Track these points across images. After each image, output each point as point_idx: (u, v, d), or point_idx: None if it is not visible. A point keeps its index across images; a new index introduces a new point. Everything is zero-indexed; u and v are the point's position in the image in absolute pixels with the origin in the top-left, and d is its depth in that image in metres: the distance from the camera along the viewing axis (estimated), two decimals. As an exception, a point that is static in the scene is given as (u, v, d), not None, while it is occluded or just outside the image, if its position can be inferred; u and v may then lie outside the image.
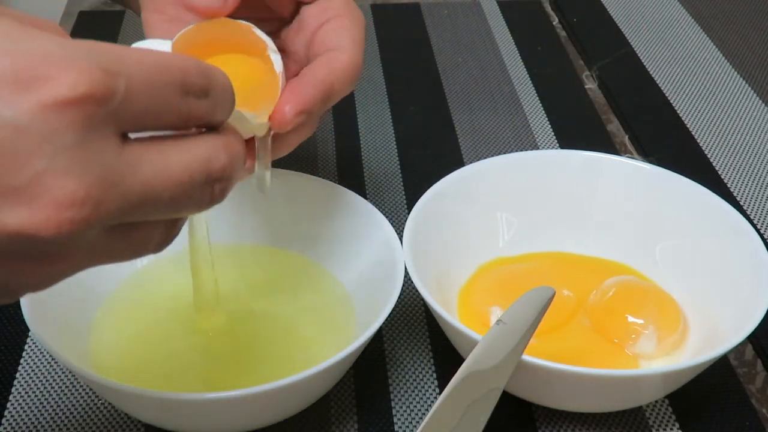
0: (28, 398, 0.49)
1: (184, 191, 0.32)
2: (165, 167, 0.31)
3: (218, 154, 0.33)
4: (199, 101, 0.32)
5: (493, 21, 0.89)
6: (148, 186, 0.30)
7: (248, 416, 0.44)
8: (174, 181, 0.31)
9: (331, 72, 0.45)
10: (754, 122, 0.74)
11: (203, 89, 0.32)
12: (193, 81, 0.32)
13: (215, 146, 0.33)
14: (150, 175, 0.30)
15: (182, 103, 0.32)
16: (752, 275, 0.49)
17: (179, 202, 0.32)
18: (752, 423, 0.49)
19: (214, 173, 0.33)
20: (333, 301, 0.52)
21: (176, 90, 0.31)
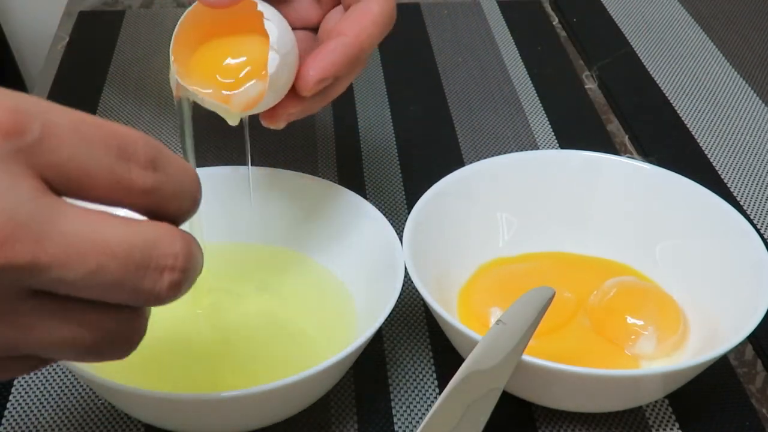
0: (28, 398, 0.49)
1: (119, 267, 0.28)
2: (95, 231, 0.28)
3: (170, 239, 0.29)
4: (145, 172, 0.29)
5: (493, 21, 0.89)
6: (70, 243, 0.27)
7: (248, 416, 0.44)
8: (104, 248, 0.27)
9: (361, 31, 0.45)
10: (754, 122, 0.74)
11: (149, 160, 0.29)
12: (135, 149, 0.29)
13: (168, 231, 0.29)
14: (75, 232, 0.27)
15: (120, 166, 0.28)
16: (752, 275, 0.49)
17: (112, 278, 0.28)
18: (752, 423, 0.49)
19: (162, 258, 0.29)
20: (333, 301, 0.52)
21: (110, 150, 0.28)
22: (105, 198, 0.29)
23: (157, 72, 0.79)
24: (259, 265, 0.55)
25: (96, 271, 0.27)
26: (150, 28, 0.86)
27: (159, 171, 0.30)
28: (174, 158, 0.31)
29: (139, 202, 0.30)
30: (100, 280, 0.28)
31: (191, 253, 0.30)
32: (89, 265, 0.27)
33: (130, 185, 0.29)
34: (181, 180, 0.31)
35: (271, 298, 0.53)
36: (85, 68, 0.80)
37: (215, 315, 0.51)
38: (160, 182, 0.30)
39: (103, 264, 0.27)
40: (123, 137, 0.29)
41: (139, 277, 0.28)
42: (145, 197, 0.29)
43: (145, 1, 0.91)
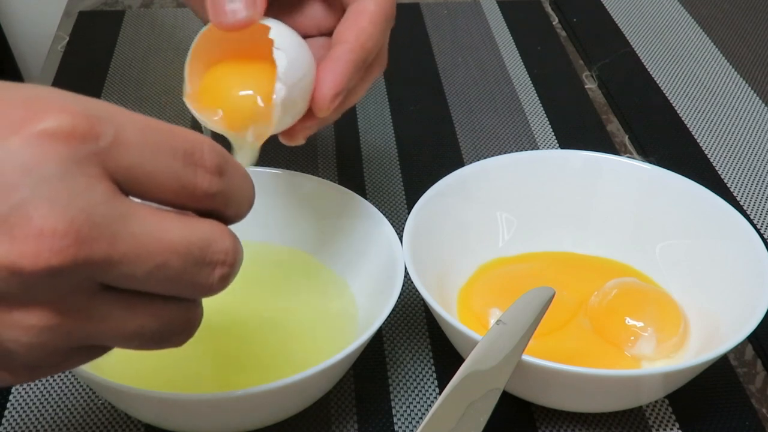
0: (28, 398, 0.49)
1: (180, 262, 0.30)
2: (161, 230, 0.30)
3: (222, 236, 0.31)
4: (211, 177, 0.31)
5: (493, 21, 0.89)
6: (139, 242, 0.29)
7: (248, 416, 0.44)
8: (168, 246, 0.30)
9: (360, 33, 0.45)
10: (754, 122, 0.74)
11: (215, 166, 0.31)
12: (201, 155, 0.31)
13: (220, 229, 0.32)
14: (143, 232, 0.29)
15: (186, 171, 0.30)
16: (752, 275, 0.49)
17: (174, 273, 0.30)
18: (752, 423, 0.49)
19: (216, 255, 0.31)
20: (333, 301, 0.52)
21: (176, 155, 0.30)
22: (170, 200, 0.31)
23: (156, 72, 0.79)
24: (259, 265, 0.55)
25: (160, 267, 0.29)
26: (150, 28, 0.86)
27: (224, 177, 0.31)
28: (237, 165, 0.32)
29: (202, 205, 0.31)
30: (163, 274, 0.30)
31: (237, 250, 0.32)
32: (155, 262, 0.29)
33: (195, 189, 0.31)
34: (243, 186, 0.33)
35: (271, 298, 0.53)
36: (84, 68, 0.80)
37: (215, 315, 0.51)
38: (224, 188, 0.31)
39: (166, 260, 0.30)
40: (190, 143, 0.31)
41: (196, 272, 0.31)
42: (208, 201, 0.31)
43: (145, 1, 0.91)
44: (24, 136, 0.27)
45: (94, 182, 0.28)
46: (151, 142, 0.30)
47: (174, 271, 0.30)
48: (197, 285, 0.31)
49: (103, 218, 0.28)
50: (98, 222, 0.28)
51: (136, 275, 0.29)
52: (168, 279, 0.30)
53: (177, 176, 0.30)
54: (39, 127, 0.28)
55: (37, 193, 0.27)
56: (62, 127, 0.28)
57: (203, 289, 0.31)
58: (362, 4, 0.46)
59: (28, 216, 0.27)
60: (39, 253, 0.27)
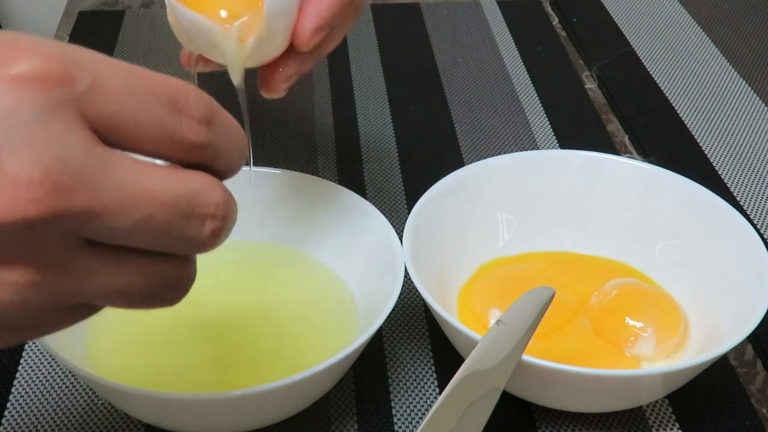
0: (28, 398, 0.49)
1: (166, 215, 0.28)
2: (145, 181, 0.28)
3: (212, 189, 0.30)
4: (198, 125, 0.29)
5: (493, 21, 0.89)
6: (122, 193, 0.27)
7: (248, 416, 0.44)
8: (154, 197, 0.28)
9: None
10: (754, 122, 0.74)
11: (202, 116, 0.29)
12: (186, 102, 0.29)
13: (210, 181, 0.30)
14: (126, 183, 0.27)
15: (172, 120, 0.29)
16: (752, 275, 0.49)
17: (160, 227, 0.28)
18: (752, 423, 0.49)
19: (206, 207, 0.29)
20: (333, 301, 0.52)
21: (161, 102, 0.28)
22: (155, 151, 0.29)
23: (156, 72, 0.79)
24: (259, 264, 0.55)
25: (145, 220, 0.28)
26: (150, 28, 0.86)
27: (212, 126, 0.30)
28: (226, 115, 0.31)
29: (190, 157, 0.30)
30: (149, 227, 0.28)
31: (229, 203, 0.30)
32: (139, 214, 0.28)
33: (181, 140, 0.29)
34: (233, 137, 0.31)
35: (270, 298, 0.53)
36: (85, 68, 0.80)
37: (215, 314, 0.51)
38: (212, 138, 0.30)
39: (152, 213, 0.28)
40: (175, 90, 0.29)
41: (184, 225, 0.29)
42: (196, 152, 0.30)
43: (145, 1, 0.91)
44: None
45: (72, 128, 0.27)
46: (134, 88, 0.28)
47: (160, 224, 0.28)
48: (187, 239, 0.29)
49: (83, 167, 0.26)
50: (77, 170, 0.26)
51: (120, 228, 0.28)
52: (155, 233, 0.28)
53: (162, 125, 0.28)
54: (11, 71, 0.26)
55: (10, 139, 0.26)
56: (36, 70, 0.26)
57: (194, 244, 0.30)
58: None
59: (0, 164, 0.26)
60: (14, 203, 0.26)
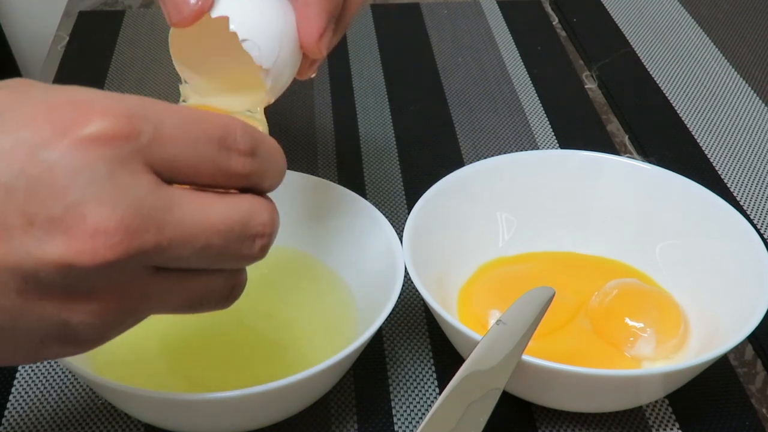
0: (28, 398, 0.49)
1: (222, 241, 0.33)
2: (203, 212, 0.32)
3: (260, 210, 0.34)
4: (244, 159, 0.33)
5: (493, 21, 0.89)
6: (185, 225, 0.31)
7: (248, 416, 0.44)
8: (211, 226, 0.32)
9: None
10: (754, 122, 0.74)
11: (248, 149, 0.33)
12: (234, 138, 0.33)
13: (258, 203, 0.34)
14: (187, 216, 0.32)
15: (221, 156, 0.33)
16: (752, 275, 0.49)
17: (217, 251, 0.33)
18: (752, 423, 0.49)
19: (255, 228, 0.34)
20: (333, 301, 0.52)
21: (212, 142, 0.32)
22: (209, 183, 0.33)
23: (156, 72, 0.79)
24: (259, 265, 0.55)
25: (204, 248, 0.32)
26: (150, 28, 0.86)
27: (256, 157, 0.34)
28: (268, 141, 0.35)
29: (238, 184, 0.34)
30: (207, 254, 0.33)
31: (274, 219, 0.35)
32: (199, 243, 0.32)
33: (230, 172, 0.33)
34: (275, 160, 0.35)
35: (270, 298, 0.53)
36: (84, 68, 0.80)
37: (215, 314, 0.51)
38: (258, 167, 0.34)
39: (209, 240, 0.32)
40: (223, 128, 0.33)
41: (238, 246, 0.34)
42: (244, 180, 0.34)
43: (145, 1, 0.91)
44: (72, 140, 0.29)
45: (139, 177, 0.30)
46: (188, 133, 0.32)
47: (217, 248, 0.33)
48: (240, 257, 0.34)
49: (150, 209, 0.30)
50: (145, 213, 0.30)
51: (183, 257, 0.32)
52: (212, 256, 0.33)
53: (213, 162, 0.32)
54: (86, 131, 0.30)
55: (88, 194, 0.29)
56: (107, 130, 0.30)
57: (245, 260, 0.34)
58: None
59: (82, 215, 0.29)
60: (95, 250, 0.30)
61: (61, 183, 0.29)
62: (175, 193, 0.32)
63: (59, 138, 0.29)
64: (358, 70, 0.80)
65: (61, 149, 0.29)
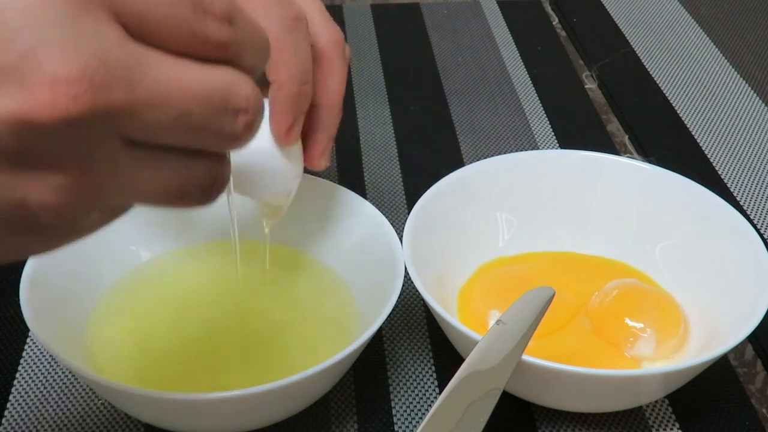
0: (28, 398, 0.49)
1: (203, 109, 0.29)
2: (180, 75, 0.28)
3: (242, 83, 0.30)
4: (221, 25, 0.29)
5: (493, 21, 0.89)
6: (159, 87, 0.27)
7: (248, 416, 0.44)
8: (190, 90, 0.28)
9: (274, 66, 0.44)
10: (754, 122, 0.74)
11: (225, 14, 0.29)
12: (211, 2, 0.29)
13: (240, 76, 0.30)
14: (161, 78, 0.27)
15: (197, 19, 0.29)
16: (752, 275, 0.49)
17: (198, 121, 0.29)
18: (752, 423, 0.49)
19: (237, 101, 0.30)
20: (333, 301, 0.52)
21: (187, 2, 0.28)
22: (182, 49, 0.29)
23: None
24: (259, 264, 0.55)
25: (183, 114, 0.28)
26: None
27: (234, 25, 0.30)
28: (248, 15, 0.31)
29: (215, 55, 0.30)
30: (186, 122, 0.28)
31: (259, 97, 0.31)
32: (177, 108, 0.28)
33: (206, 38, 0.29)
34: (255, 35, 0.31)
35: (270, 298, 0.53)
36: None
37: (216, 314, 0.51)
38: (236, 36, 0.30)
39: (188, 107, 0.28)
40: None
41: (220, 119, 0.29)
42: (221, 51, 0.30)
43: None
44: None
45: (104, 25, 0.26)
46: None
47: (198, 118, 0.29)
48: (223, 134, 0.30)
49: (118, 63, 0.26)
50: (113, 66, 0.26)
51: (159, 124, 0.28)
52: (192, 128, 0.29)
53: (187, 23, 0.29)
54: None
55: (45, 38, 0.25)
56: None
57: (229, 139, 0.30)
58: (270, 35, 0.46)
59: (38, 62, 0.25)
60: (55, 101, 0.25)
61: (13, 25, 0.25)
62: (146, 50, 0.27)
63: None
64: (358, 70, 0.80)
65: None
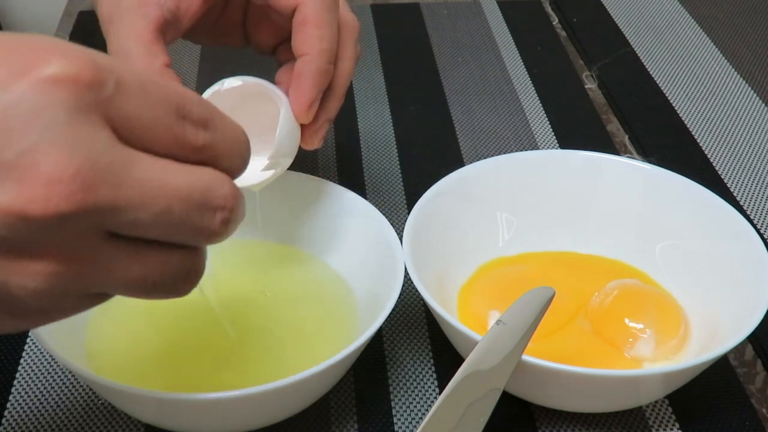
0: (28, 398, 0.49)
1: (183, 207, 0.31)
2: (162, 176, 0.30)
3: (221, 183, 0.32)
4: (197, 130, 0.32)
5: (493, 21, 0.89)
6: (143, 187, 0.30)
7: (248, 416, 0.44)
8: (171, 189, 0.30)
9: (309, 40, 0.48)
10: (754, 122, 0.74)
11: (201, 120, 0.32)
12: (190, 108, 0.31)
13: (219, 176, 0.32)
14: (146, 178, 0.30)
15: (178, 124, 0.31)
16: (752, 275, 0.49)
17: (177, 218, 0.31)
18: (752, 423, 0.49)
19: (216, 199, 0.32)
20: (333, 301, 0.52)
21: (170, 108, 0.31)
22: (164, 152, 0.31)
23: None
24: (259, 264, 0.55)
25: (164, 212, 0.30)
26: (150, 28, 0.86)
27: (210, 131, 0.32)
28: (226, 119, 0.33)
29: (193, 157, 0.32)
30: (167, 219, 0.30)
31: (237, 196, 0.33)
32: (159, 207, 0.30)
33: (185, 142, 0.31)
34: (232, 140, 0.33)
35: (271, 297, 0.53)
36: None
37: (216, 314, 0.51)
38: (212, 141, 0.32)
39: (169, 205, 0.30)
40: (181, 97, 0.31)
41: (199, 216, 0.31)
42: (198, 154, 0.32)
43: (145, 1, 0.91)
44: (30, 81, 0.27)
45: (98, 129, 0.28)
46: (149, 94, 0.30)
47: (177, 216, 0.31)
48: (200, 230, 0.32)
49: (108, 165, 0.28)
50: (103, 168, 0.28)
51: (141, 221, 0.30)
52: (172, 224, 0.31)
53: (170, 129, 0.31)
54: (45, 72, 0.28)
55: (45, 139, 0.27)
56: (68, 72, 0.28)
57: (206, 234, 0.32)
58: (301, 15, 0.48)
59: (36, 162, 0.27)
60: (48, 199, 0.27)
61: (16, 125, 0.27)
62: (134, 152, 0.30)
63: (17, 78, 0.27)
64: (358, 70, 0.80)
65: (18, 90, 0.27)
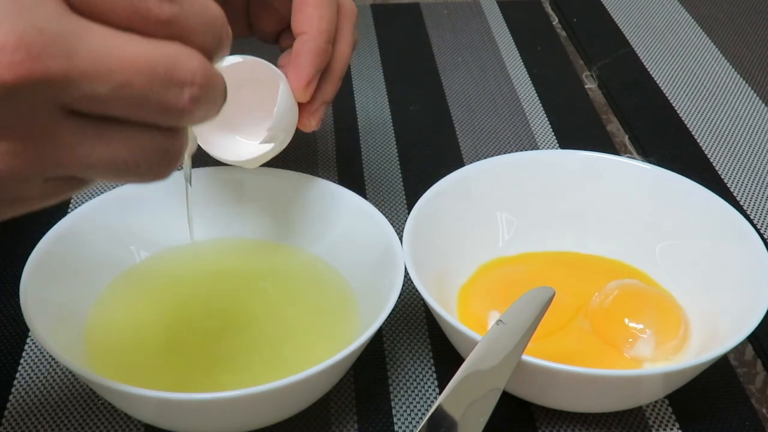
0: (28, 398, 0.49)
1: (144, 81, 0.28)
2: (121, 48, 0.28)
3: (188, 57, 0.30)
4: (161, 2, 0.29)
5: (493, 21, 0.89)
6: (98, 58, 0.27)
7: (248, 416, 0.44)
8: (130, 63, 0.28)
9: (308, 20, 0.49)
10: (754, 122, 0.74)
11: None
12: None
13: (184, 50, 0.30)
14: (101, 49, 0.27)
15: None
16: (752, 275, 0.49)
17: (139, 93, 0.28)
18: (752, 423, 0.49)
19: (183, 74, 0.29)
20: (333, 301, 0.52)
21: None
22: (124, 25, 0.29)
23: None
24: (259, 263, 0.55)
25: (123, 85, 0.28)
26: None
27: (177, 3, 0.30)
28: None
29: (159, 33, 0.29)
30: (127, 94, 0.28)
31: (208, 71, 0.30)
32: (117, 80, 0.28)
33: (147, 14, 0.29)
34: (202, 14, 0.31)
35: (270, 297, 0.53)
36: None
37: (216, 314, 0.51)
38: (178, 14, 0.30)
39: (129, 78, 0.28)
40: None
41: (163, 92, 0.29)
42: (164, 28, 0.29)
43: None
44: None
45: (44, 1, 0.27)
46: None
47: (138, 90, 0.28)
48: (167, 107, 0.29)
49: (57, 33, 0.26)
50: (52, 37, 0.26)
51: (98, 95, 0.28)
52: (134, 100, 0.29)
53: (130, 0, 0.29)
54: None
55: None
56: None
57: (174, 112, 0.30)
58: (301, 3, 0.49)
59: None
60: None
61: None
62: (88, 23, 0.27)
63: None
64: (358, 70, 0.80)
65: None
